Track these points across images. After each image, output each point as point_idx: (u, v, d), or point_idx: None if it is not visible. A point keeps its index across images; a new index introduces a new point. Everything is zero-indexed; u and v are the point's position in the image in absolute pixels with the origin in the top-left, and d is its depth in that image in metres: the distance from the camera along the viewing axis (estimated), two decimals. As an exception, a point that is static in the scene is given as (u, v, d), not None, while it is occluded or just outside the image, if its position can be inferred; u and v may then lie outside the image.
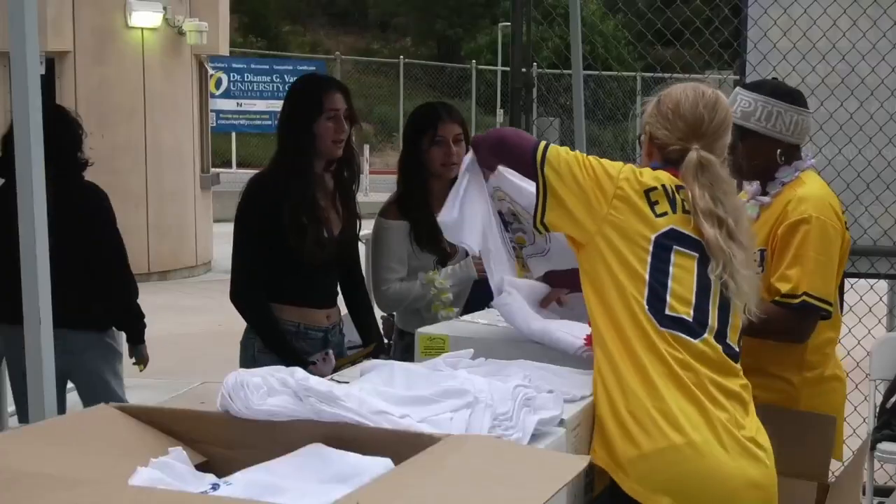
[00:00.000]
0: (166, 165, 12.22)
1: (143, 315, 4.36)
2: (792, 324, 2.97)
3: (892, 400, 4.48)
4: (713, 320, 2.45)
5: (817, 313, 2.98)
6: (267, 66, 20.80)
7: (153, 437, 1.92)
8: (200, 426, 1.95)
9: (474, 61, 24.68)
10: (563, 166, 2.50)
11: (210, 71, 14.08)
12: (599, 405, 2.41)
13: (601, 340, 2.45)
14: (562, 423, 2.22)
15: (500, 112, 22.53)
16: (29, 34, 2.10)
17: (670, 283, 2.43)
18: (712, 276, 2.45)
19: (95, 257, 4.19)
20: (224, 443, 1.92)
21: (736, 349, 2.50)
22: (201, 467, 1.84)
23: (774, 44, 4.71)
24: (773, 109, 3.09)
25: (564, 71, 7.71)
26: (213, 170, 14.24)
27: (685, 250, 2.46)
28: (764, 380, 2.86)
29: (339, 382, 2.09)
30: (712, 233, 2.45)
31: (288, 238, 3.47)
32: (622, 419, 2.36)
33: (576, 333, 2.67)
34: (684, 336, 2.41)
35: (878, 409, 4.57)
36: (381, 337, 4.04)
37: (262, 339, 3.55)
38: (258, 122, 20.08)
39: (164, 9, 11.89)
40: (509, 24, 5.99)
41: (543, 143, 2.56)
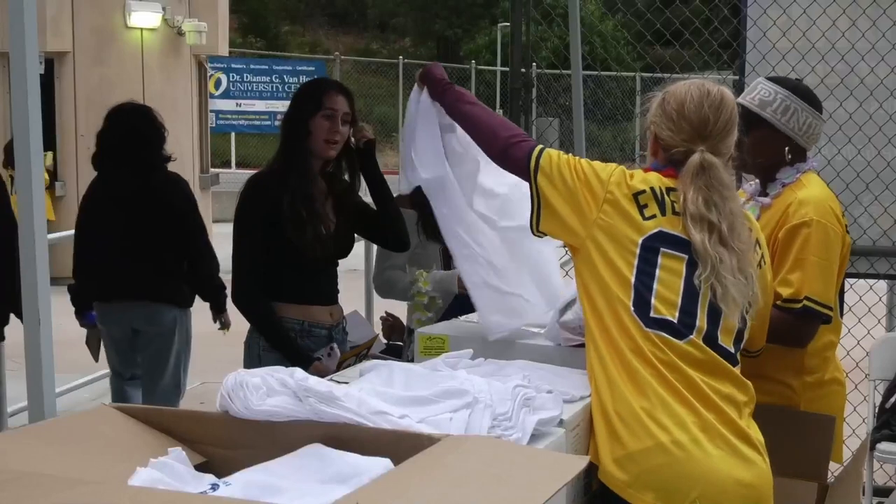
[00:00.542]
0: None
1: (224, 286, 4.68)
2: (793, 329, 2.94)
3: (892, 400, 4.48)
4: (701, 322, 2.44)
5: (819, 318, 2.96)
6: (266, 67, 20.75)
7: (153, 437, 1.92)
8: (200, 426, 1.96)
9: (473, 61, 24.66)
10: (555, 172, 2.52)
11: (209, 71, 14.08)
12: (592, 405, 2.43)
13: (593, 342, 2.47)
14: (561, 423, 2.23)
15: (499, 112, 22.46)
16: (28, 34, 2.11)
17: (655, 286, 2.43)
18: (699, 279, 2.44)
19: (182, 238, 4.69)
20: (223, 443, 1.92)
21: (731, 350, 2.48)
22: (201, 468, 1.85)
23: (773, 44, 4.71)
24: (791, 105, 3.08)
25: (563, 71, 7.70)
26: (212, 170, 14.22)
27: (673, 252, 2.46)
28: (764, 384, 2.84)
29: (339, 383, 2.09)
30: (699, 237, 2.44)
31: (287, 231, 3.47)
32: (610, 419, 2.38)
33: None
34: (669, 337, 2.41)
35: (877, 410, 4.57)
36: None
37: (266, 339, 3.56)
38: (257, 123, 20.05)
39: (164, 9, 11.87)
40: (508, 24, 6.00)
41: (538, 148, 2.57)
